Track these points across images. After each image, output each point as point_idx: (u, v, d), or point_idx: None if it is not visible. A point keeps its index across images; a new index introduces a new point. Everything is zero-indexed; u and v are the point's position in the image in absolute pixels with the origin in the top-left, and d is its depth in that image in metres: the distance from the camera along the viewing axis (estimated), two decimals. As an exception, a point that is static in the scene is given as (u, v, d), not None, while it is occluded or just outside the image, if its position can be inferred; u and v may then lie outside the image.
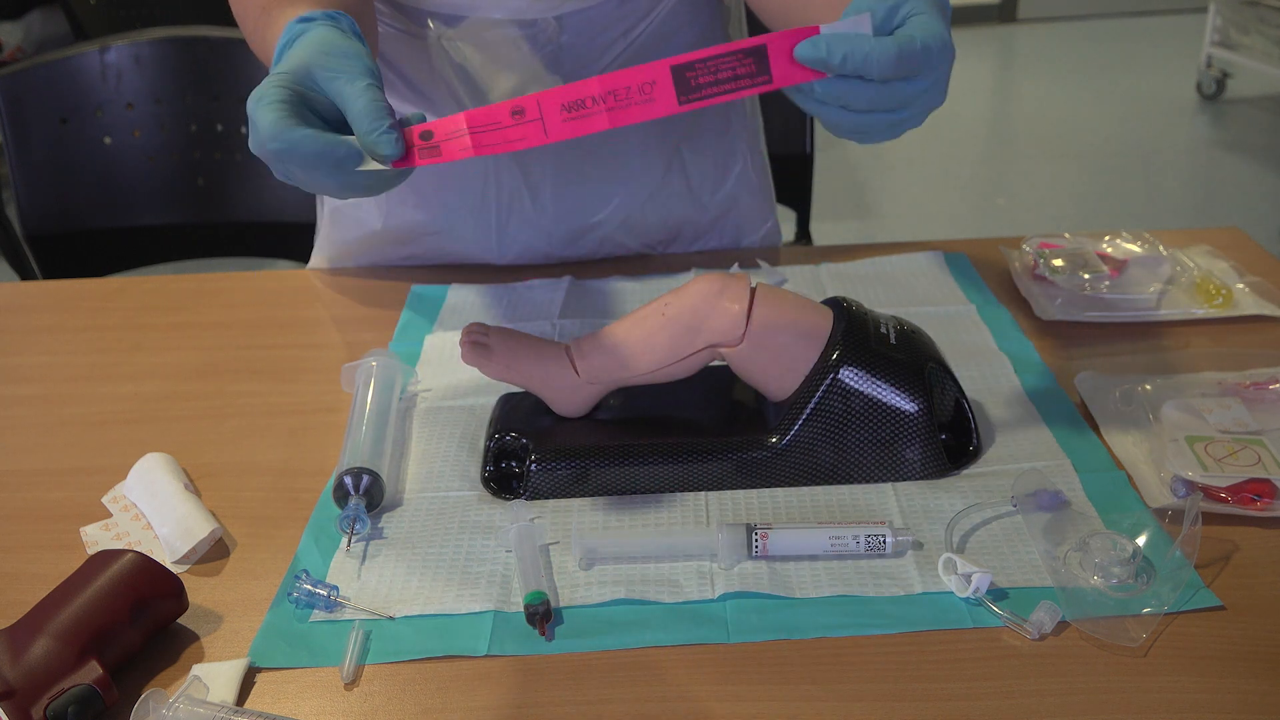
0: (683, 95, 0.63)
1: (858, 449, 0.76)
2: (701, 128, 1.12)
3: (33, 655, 0.61)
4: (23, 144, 1.45)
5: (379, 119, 0.62)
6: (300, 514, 0.78)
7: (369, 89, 0.63)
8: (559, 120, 0.62)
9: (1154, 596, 0.65)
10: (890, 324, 0.80)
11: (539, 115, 0.62)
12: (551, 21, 0.98)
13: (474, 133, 0.63)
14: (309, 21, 0.70)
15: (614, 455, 0.77)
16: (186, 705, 0.60)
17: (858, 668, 0.63)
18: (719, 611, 0.67)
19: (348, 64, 0.64)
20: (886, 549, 0.70)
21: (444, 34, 0.99)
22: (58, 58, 1.45)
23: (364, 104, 0.62)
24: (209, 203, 1.52)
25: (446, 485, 0.80)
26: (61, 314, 1.12)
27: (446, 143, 0.63)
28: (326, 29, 0.69)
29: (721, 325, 0.77)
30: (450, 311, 1.05)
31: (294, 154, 0.62)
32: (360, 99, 0.62)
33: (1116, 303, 0.98)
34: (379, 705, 0.62)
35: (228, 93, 1.48)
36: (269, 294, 1.13)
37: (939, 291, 1.04)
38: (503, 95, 1.02)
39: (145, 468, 0.81)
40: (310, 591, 0.69)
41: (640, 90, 0.63)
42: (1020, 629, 0.64)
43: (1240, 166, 3.69)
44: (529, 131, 0.62)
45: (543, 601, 0.66)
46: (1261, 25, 3.93)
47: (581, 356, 0.79)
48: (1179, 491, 0.73)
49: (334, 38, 0.67)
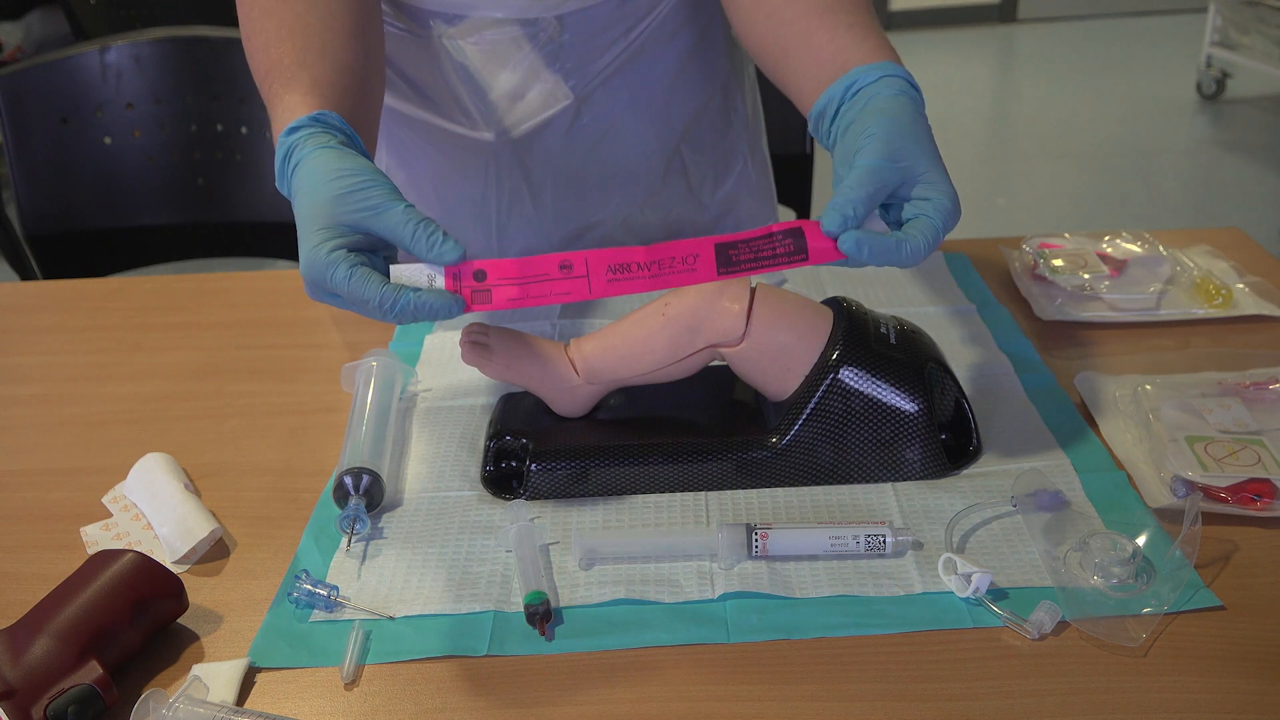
0: (723, 268, 0.66)
1: (858, 449, 0.76)
2: (702, 128, 1.12)
3: (33, 655, 0.61)
4: (23, 144, 1.45)
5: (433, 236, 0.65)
6: (300, 514, 0.78)
7: (406, 213, 0.66)
8: (603, 280, 0.66)
9: (1154, 596, 0.65)
10: (890, 324, 0.80)
11: (585, 273, 0.66)
12: (552, 20, 0.98)
13: (524, 284, 0.66)
14: (296, 133, 0.72)
15: (614, 455, 0.77)
16: (186, 705, 0.60)
17: (858, 668, 0.63)
18: (719, 611, 0.67)
19: (371, 196, 0.67)
20: (886, 549, 0.70)
21: (444, 33, 0.99)
22: (58, 58, 1.45)
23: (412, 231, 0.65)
24: (209, 203, 1.52)
25: (446, 485, 0.80)
26: (61, 314, 1.12)
27: (498, 288, 0.66)
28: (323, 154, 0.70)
29: (721, 325, 0.77)
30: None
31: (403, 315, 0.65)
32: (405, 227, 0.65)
33: (1116, 303, 0.98)
34: (379, 705, 0.62)
35: (228, 93, 1.48)
36: (269, 294, 1.13)
37: (939, 291, 1.04)
38: (503, 94, 1.02)
39: (145, 468, 0.81)
40: (310, 591, 0.69)
41: (684, 261, 0.66)
42: (1020, 629, 0.64)
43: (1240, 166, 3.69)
44: (574, 287, 0.66)
45: (543, 601, 0.66)
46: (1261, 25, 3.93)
47: (581, 356, 0.79)
48: (1179, 491, 0.73)
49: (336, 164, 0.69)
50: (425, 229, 0.65)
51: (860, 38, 0.79)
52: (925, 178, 0.69)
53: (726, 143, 1.15)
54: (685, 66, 1.07)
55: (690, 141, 1.11)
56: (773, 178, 1.24)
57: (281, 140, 0.73)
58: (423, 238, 0.65)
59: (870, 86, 0.74)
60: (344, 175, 0.67)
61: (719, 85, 1.11)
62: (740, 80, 1.15)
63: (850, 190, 0.67)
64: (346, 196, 0.66)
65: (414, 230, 0.65)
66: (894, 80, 0.74)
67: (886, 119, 0.71)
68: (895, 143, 0.69)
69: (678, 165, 1.12)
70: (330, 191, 0.67)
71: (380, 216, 0.66)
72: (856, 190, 0.67)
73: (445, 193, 1.10)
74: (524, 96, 1.02)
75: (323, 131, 0.72)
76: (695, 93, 1.09)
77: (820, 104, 0.76)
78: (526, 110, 1.03)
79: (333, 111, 0.74)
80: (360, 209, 0.66)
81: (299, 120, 0.73)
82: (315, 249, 0.65)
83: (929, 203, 0.69)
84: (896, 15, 5.47)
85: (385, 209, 0.66)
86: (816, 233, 0.67)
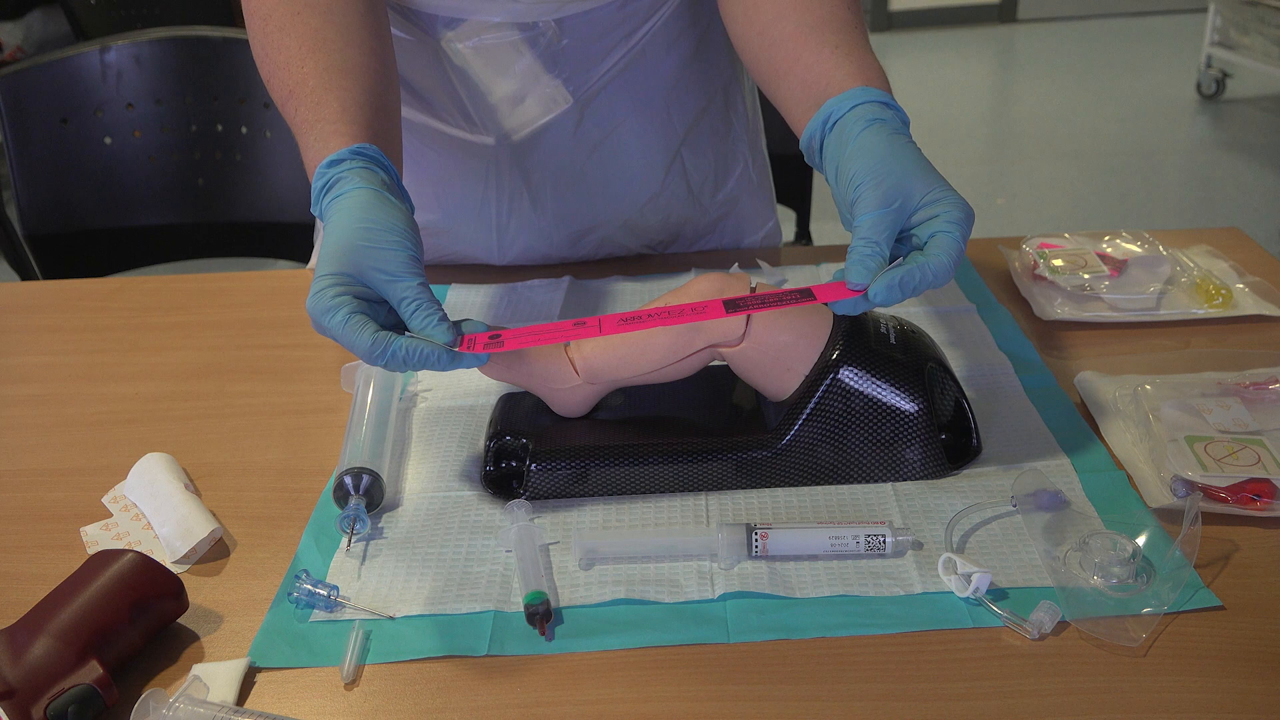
0: (730, 310, 0.70)
1: (858, 449, 0.76)
2: (702, 131, 1.12)
3: (33, 655, 0.61)
4: (23, 144, 1.45)
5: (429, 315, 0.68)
6: (300, 514, 0.78)
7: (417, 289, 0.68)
8: (614, 323, 0.70)
9: (1154, 596, 0.65)
10: (890, 324, 0.80)
11: (598, 326, 0.70)
12: (552, 24, 0.98)
13: (539, 334, 0.69)
14: (337, 166, 0.74)
15: (614, 455, 0.77)
16: (186, 705, 0.60)
17: (858, 668, 0.63)
18: (719, 611, 0.67)
19: (388, 260, 0.69)
20: (886, 549, 0.70)
21: (444, 37, 0.99)
22: (58, 58, 1.45)
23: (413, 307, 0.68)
24: (209, 203, 1.52)
25: (446, 485, 0.80)
26: (61, 314, 1.12)
27: (512, 340, 0.69)
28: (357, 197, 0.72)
29: (721, 325, 0.77)
30: (450, 311, 1.05)
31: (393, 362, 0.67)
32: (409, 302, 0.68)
33: (1116, 303, 0.98)
34: (379, 705, 0.62)
35: (228, 93, 1.48)
36: (269, 294, 1.13)
37: (939, 291, 1.04)
38: (504, 98, 1.02)
39: (145, 468, 0.81)
40: (310, 591, 0.69)
41: (693, 310, 0.70)
42: (1020, 629, 0.64)
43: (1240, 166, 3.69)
44: (586, 332, 0.70)
45: (543, 601, 0.66)
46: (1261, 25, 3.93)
47: (581, 356, 0.79)
48: (1179, 491, 0.73)
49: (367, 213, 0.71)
50: (424, 311, 0.68)
51: (843, 59, 0.79)
52: (927, 197, 0.69)
53: (727, 145, 1.15)
54: (686, 70, 1.06)
55: (691, 144, 1.11)
56: (772, 179, 1.24)
57: (321, 172, 0.75)
58: (420, 318, 0.68)
59: (845, 118, 0.74)
60: (372, 229, 0.69)
61: (719, 88, 1.11)
62: (740, 83, 1.15)
63: (865, 244, 0.68)
64: (367, 251, 0.69)
65: (414, 310, 0.68)
66: (867, 108, 0.74)
67: (866, 159, 0.71)
68: (885, 182, 0.69)
69: (678, 168, 1.12)
70: (354, 240, 0.69)
71: (392, 284, 0.68)
72: (870, 243, 0.68)
73: (446, 196, 1.10)
74: (524, 100, 1.02)
75: (364, 168, 0.74)
76: (696, 96, 1.09)
77: (805, 140, 0.78)
78: (527, 114, 1.03)
79: (370, 144, 0.76)
80: (374, 268, 0.68)
81: (339, 154, 0.74)
82: (320, 292, 0.68)
83: (939, 218, 0.69)
84: (897, 15, 5.47)
85: (398, 280, 0.68)
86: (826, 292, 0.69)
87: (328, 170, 0.74)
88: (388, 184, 0.74)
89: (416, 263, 0.70)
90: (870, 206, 0.69)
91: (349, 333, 0.66)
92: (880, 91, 0.75)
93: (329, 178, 0.74)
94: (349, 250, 0.69)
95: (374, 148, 0.76)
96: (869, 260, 0.68)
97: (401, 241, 0.69)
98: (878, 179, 0.70)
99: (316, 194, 0.75)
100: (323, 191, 0.74)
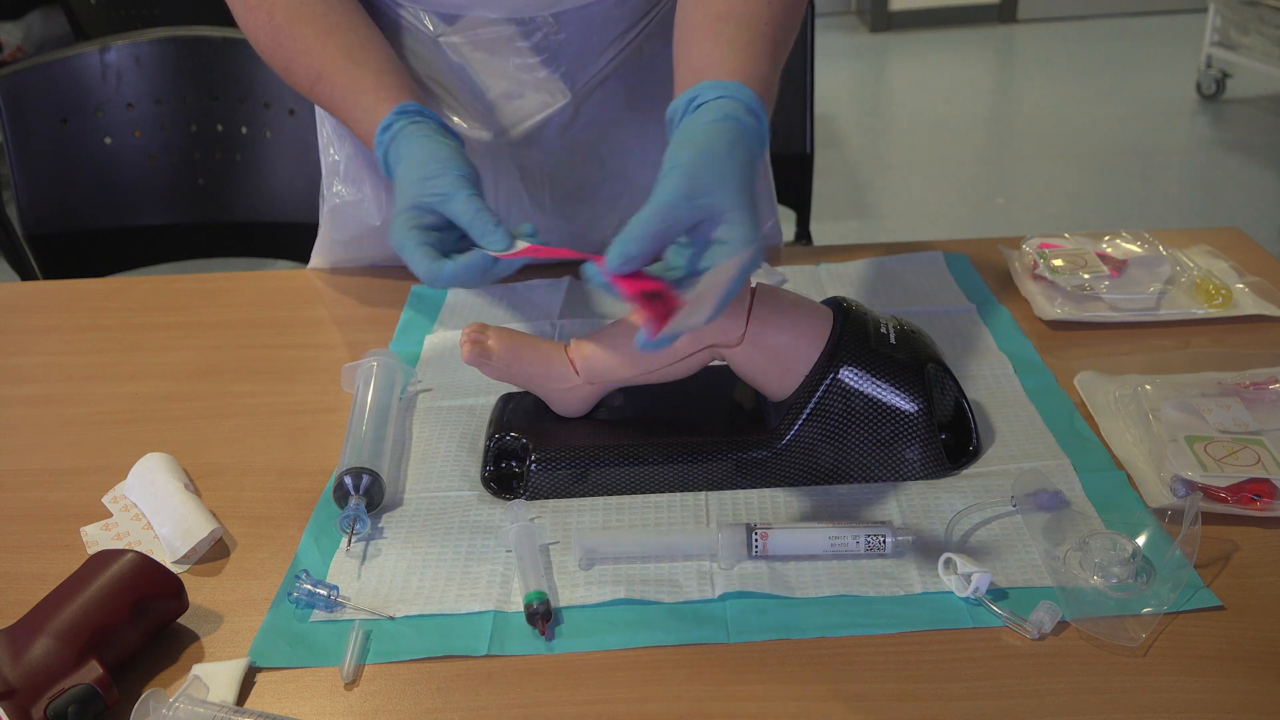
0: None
1: (858, 449, 0.76)
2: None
3: (33, 655, 0.61)
4: (23, 144, 1.45)
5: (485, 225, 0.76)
6: (300, 514, 0.78)
7: (469, 201, 0.77)
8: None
9: (1154, 596, 0.65)
10: (890, 324, 0.80)
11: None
12: (549, 19, 0.97)
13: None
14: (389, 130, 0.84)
15: (614, 455, 0.77)
16: (186, 705, 0.60)
17: (858, 668, 0.63)
18: (719, 611, 0.67)
19: (443, 184, 0.78)
20: (886, 549, 0.70)
21: (441, 32, 0.99)
22: (58, 58, 1.45)
23: (469, 218, 0.76)
24: (209, 203, 1.52)
25: (446, 485, 0.80)
26: (61, 314, 1.12)
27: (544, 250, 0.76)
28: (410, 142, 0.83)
29: (721, 325, 0.77)
30: (450, 311, 1.05)
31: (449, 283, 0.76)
32: (465, 215, 0.76)
33: (1116, 303, 0.98)
34: (379, 705, 0.62)
35: (227, 93, 1.48)
36: (269, 294, 1.13)
37: (939, 291, 1.04)
38: (500, 93, 1.02)
39: (145, 468, 0.81)
40: (310, 591, 0.69)
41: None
42: (1020, 629, 0.64)
43: (1240, 166, 3.69)
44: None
45: (543, 601, 0.66)
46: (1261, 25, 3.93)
47: (581, 356, 0.79)
48: (1179, 491, 0.73)
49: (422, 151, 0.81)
50: (480, 218, 0.76)
51: (734, 53, 0.77)
52: (727, 217, 0.67)
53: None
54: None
55: (690, 141, 1.11)
56: (772, 178, 1.24)
57: (378, 141, 0.85)
58: (477, 225, 0.76)
59: (705, 106, 0.73)
60: (426, 162, 0.79)
61: (718, 86, 1.11)
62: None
63: (637, 227, 0.67)
64: (425, 181, 0.78)
65: (471, 218, 0.76)
66: (728, 102, 0.72)
67: (694, 150, 0.69)
68: (699, 178, 0.67)
69: (677, 165, 1.12)
70: (415, 174, 0.79)
71: (447, 203, 0.77)
72: (642, 227, 0.66)
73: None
74: (521, 96, 1.02)
75: (411, 123, 0.84)
76: (693, 92, 1.09)
77: (668, 114, 0.77)
78: (524, 110, 1.03)
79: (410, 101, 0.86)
80: (432, 194, 0.77)
81: (387, 119, 0.85)
82: (396, 225, 0.77)
83: (725, 246, 0.66)
84: (896, 15, 5.47)
85: (451, 197, 0.77)
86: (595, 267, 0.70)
87: (383, 136, 0.84)
88: (435, 128, 0.84)
89: (466, 181, 0.78)
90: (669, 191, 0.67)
91: (412, 262, 0.75)
92: (753, 95, 0.73)
93: (385, 143, 0.84)
94: (412, 184, 0.78)
95: (414, 103, 0.86)
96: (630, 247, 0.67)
97: (448, 167, 0.78)
98: (694, 172, 0.68)
99: (381, 159, 0.85)
100: (385, 156, 0.85)
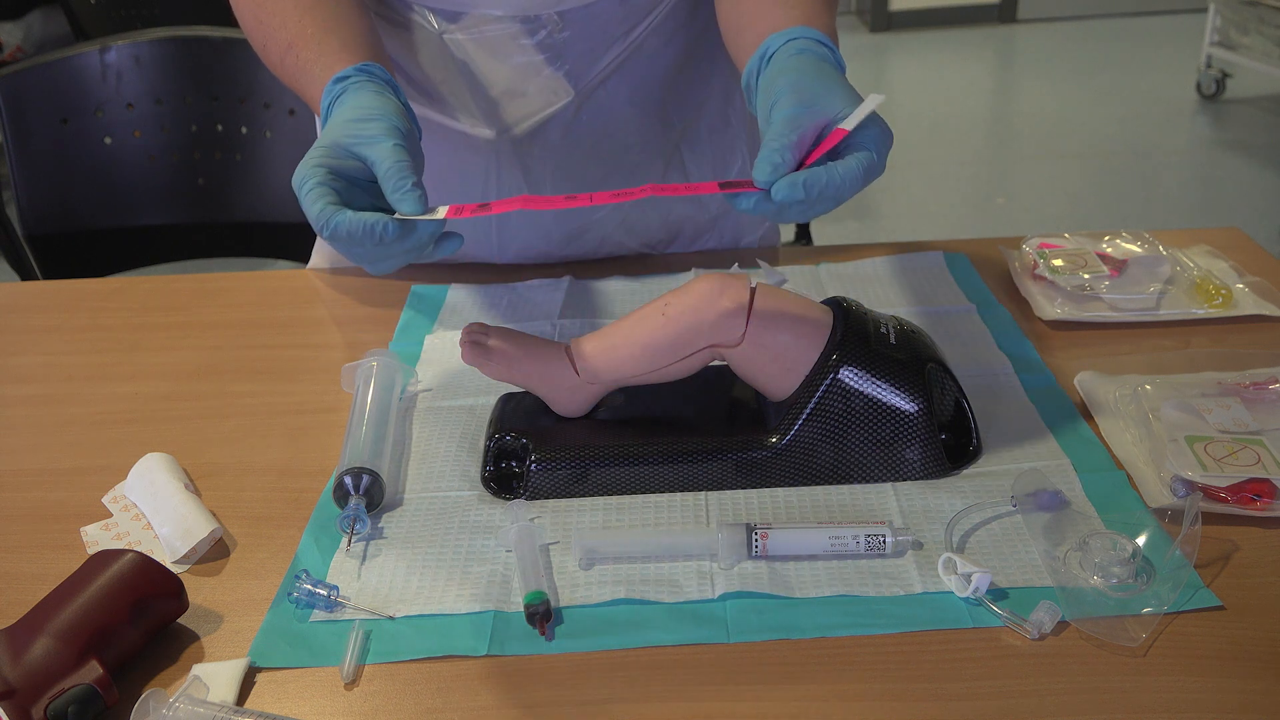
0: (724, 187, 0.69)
1: (858, 449, 0.76)
2: (700, 126, 1.12)
3: (33, 655, 0.61)
4: (23, 144, 1.45)
5: (403, 179, 0.66)
6: (300, 514, 0.78)
7: (394, 150, 0.68)
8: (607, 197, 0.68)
9: (1154, 596, 0.65)
10: (890, 324, 0.80)
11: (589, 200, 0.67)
12: (553, 17, 0.97)
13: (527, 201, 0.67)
14: (343, 80, 0.77)
15: (614, 455, 0.77)
16: (186, 705, 0.60)
17: (858, 668, 0.63)
18: (719, 611, 0.67)
19: (374, 127, 0.69)
20: (886, 549, 0.70)
21: (445, 29, 0.99)
22: (58, 58, 1.45)
23: (388, 166, 0.67)
24: (209, 203, 1.52)
25: (446, 485, 0.80)
26: (61, 314, 1.12)
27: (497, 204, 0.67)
28: (359, 91, 0.75)
29: (721, 325, 0.77)
30: (450, 311, 1.05)
31: (337, 237, 0.65)
32: (384, 162, 0.67)
33: (1116, 303, 0.98)
34: (379, 705, 0.62)
35: (227, 93, 1.48)
36: (269, 294, 1.13)
37: (939, 291, 1.04)
38: (504, 91, 1.02)
39: (145, 468, 0.81)
40: (310, 591, 0.69)
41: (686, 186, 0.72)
42: (1020, 629, 0.64)
43: (1240, 166, 3.69)
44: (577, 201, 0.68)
45: (543, 601, 0.66)
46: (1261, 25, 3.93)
47: (581, 356, 0.79)
48: (1179, 491, 0.73)
49: (365, 100, 0.73)
50: (399, 170, 0.66)
51: (795, 8, 0.80)
52: (847, 113, 0.70)
53: (725, 141, 1.14)
54: (685, 65, 1.07)
55: (689, 140, 1.11)
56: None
57: (328, 90, 0.76)
58: (393, 178, 0.66)
59: (780, 50, 0.75)
60: (364, 109, 0.71)
61: (718, 84, 1.11)
62: (738, 80, 1.15)
63: (774, 140, 0.68)
64: (354, 123, 0.70)
65: (389, 167, 0.67)
66: (800, 41, 0.75)
67: (791, 74, 0.72)
68: (806, 90, 0.70)
69: (677, 163, 1.12)
70: (345, 116, 0.71)
71: (369, 146, 0.68)
72: (779, 139, 0.68)
73: (445, 190, 1.10)
74: (524, 93, 1.02)
75: (368, 80, 0.77)
76: (694, 91, 1.09)
77: (744, 78, 0.79)
78: (527, 107, 1.03)
79: (374, 62, 0.79)
80: (357, 136, 0.69)
81: (345, 71, 0.77)
82: (303, 162, 0.68)
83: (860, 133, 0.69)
84: (896, 15, 5.47)
85: (376, 141, 0.68)
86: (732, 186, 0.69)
87: (334, 87, 0.76)
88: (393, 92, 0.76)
89: (397, 132, 0.69)
90: (786, 108, 0.70)
91: (306, 201, 0.66)
92: (819, 32, 0.76)
93: (334, 93, 0.76)
94: (337, 125, 0.71)
95: (378, 65, 0.78)
96: (775, 156, 0.68)
97: (389, 116, 0.70)
98: (799, 87, 0.70)
99: (324, 112, 0.76)
100: (328, 108, 0.76)
